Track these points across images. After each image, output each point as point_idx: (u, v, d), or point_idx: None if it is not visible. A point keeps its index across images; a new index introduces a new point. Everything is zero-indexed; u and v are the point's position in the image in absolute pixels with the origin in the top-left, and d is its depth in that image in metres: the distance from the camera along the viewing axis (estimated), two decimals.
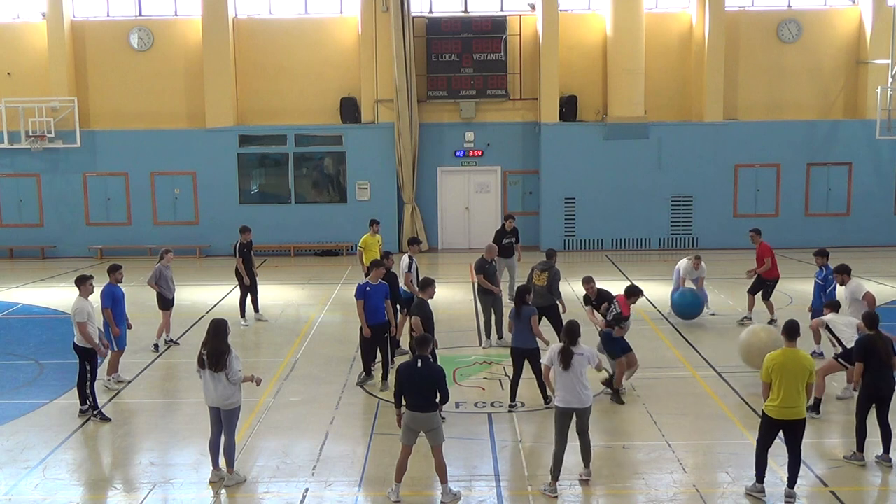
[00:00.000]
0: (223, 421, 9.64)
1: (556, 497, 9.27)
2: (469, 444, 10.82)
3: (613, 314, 12.23)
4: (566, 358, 9.35)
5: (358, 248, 17.69)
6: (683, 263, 16.84)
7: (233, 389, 9.52)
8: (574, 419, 9.45)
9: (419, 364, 9.19)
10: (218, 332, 9.55)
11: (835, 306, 12.30)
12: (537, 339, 11.83)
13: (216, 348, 9.49)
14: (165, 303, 15.21)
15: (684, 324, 16.49)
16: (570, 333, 9.53)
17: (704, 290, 17.22)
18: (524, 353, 11.84)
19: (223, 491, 9.58)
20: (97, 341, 11.79)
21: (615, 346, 12.20)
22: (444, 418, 11.41)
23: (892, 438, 9.98)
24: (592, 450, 9.68)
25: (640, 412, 11.84)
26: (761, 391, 9.20)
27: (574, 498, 9.33)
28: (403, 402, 9.34)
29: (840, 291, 13.56)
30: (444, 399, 9.29)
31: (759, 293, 16.35)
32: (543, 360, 9.84)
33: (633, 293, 12.30)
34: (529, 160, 25.94)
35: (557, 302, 14.29)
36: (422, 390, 9.12)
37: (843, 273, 13.06)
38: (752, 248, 17.00)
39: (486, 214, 25.97)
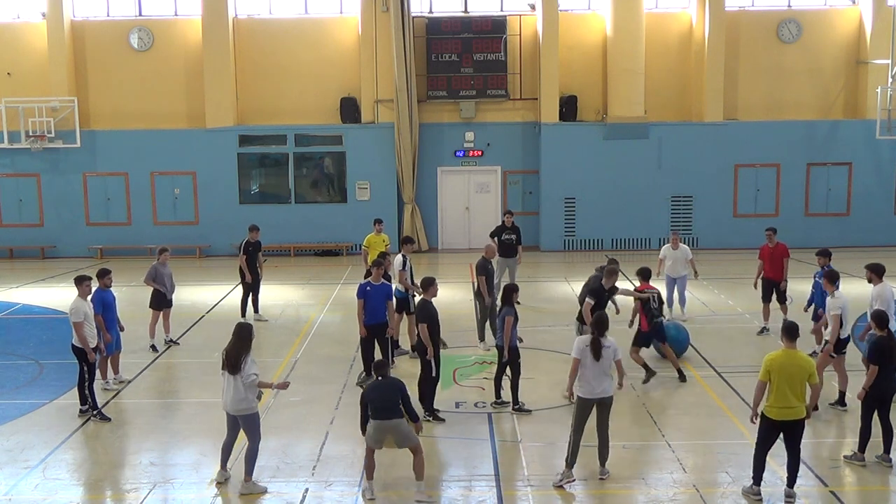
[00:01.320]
0: (242, 427, 9.53)
1: (574, 480, 9.42)
2: (469, 444, 10.82)
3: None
4: (597, 349, 9.48)
5: (362, 247, 17.67)
6: (664, 248, 17.04)
7: (244, 395, 9.35)
8: (595, 411, 9.56)
9: (380, 379, 9.45)
10: (239, 335, 9.48)
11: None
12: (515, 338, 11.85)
13: (232, 350, 9.41)
14: (160, 301, 15.17)
15: (685, 324, 16.46)
16: (599, 325, 9.69)
17: (685, 293, 17.04)
18: (500, 350, 11.93)
19: (223, 491, 9.58)
20: (92, 343, 11.76)
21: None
22: (443, 419, 11.44)
23: (894, 438, 9.99)
24: (590, 449, 9.69)
25: (640, 412, 11.85)
26: (755, 390, 9.17)
27: (575, 498, 9.33)
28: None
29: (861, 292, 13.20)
30: (411, 416, 9.42)
31: (774, 297, 15.82)
32: (573, 353, 9.74)
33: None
34: (529, 160, 25.94)
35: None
36: (384, 401, 9.24)
37: (874, 273, 11.92)
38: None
39: (486, 214, 25.95)
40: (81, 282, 11.96)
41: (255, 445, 9.53)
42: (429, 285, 12.06)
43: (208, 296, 19.83)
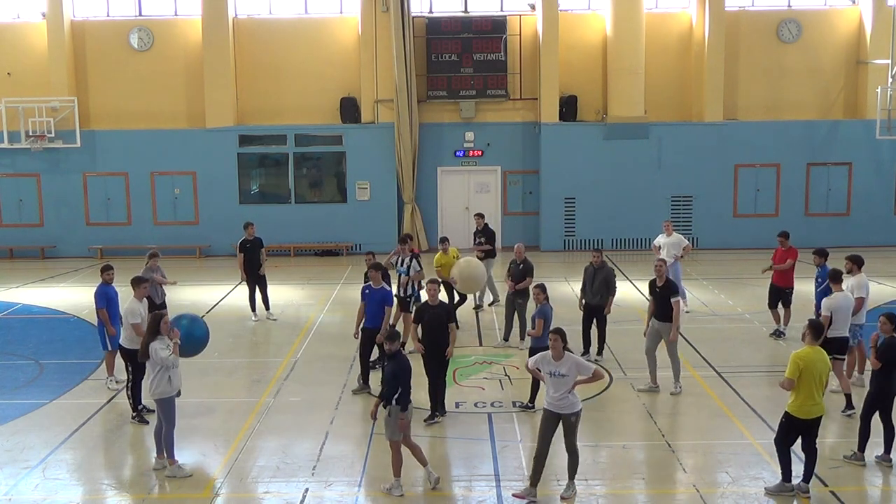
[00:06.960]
0: (157, 412, 10.09)
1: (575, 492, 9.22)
2: (469, 444, 10.82)
3: None
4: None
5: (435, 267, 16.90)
6: (659, 237, 17.53)
7: (157, 379, 9.85)
8: (561, 426, 9.21)
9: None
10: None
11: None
12: None
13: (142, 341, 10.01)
14: (151, 307, 15.08)
15: (684, 323, 16.44)
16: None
17: (683, 286, 17.22)
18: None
19: (223, 491, 9.59)
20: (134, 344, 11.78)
21: None
22: (441, 416, 11.43)
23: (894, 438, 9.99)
24: (590, 449, 9.66)
25: (641, 412, 11.85)
26: (783, 385, 9.07)
27: (575, 498, 9.32)
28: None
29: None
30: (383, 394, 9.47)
31: (780, 302, 15.60)
32: (529, 364, 9.56)
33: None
34: (529, 160, 25.94)
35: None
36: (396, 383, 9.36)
37: (854, 263, 12.53)
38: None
39: (487, 214, 25.82)
40: (139, 283, 12.06)
41: (170, 429, 9.96)
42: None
43: (208, 296, 19.82)
